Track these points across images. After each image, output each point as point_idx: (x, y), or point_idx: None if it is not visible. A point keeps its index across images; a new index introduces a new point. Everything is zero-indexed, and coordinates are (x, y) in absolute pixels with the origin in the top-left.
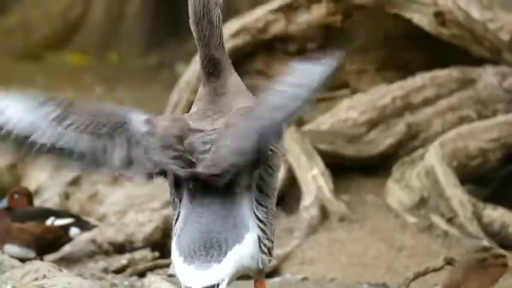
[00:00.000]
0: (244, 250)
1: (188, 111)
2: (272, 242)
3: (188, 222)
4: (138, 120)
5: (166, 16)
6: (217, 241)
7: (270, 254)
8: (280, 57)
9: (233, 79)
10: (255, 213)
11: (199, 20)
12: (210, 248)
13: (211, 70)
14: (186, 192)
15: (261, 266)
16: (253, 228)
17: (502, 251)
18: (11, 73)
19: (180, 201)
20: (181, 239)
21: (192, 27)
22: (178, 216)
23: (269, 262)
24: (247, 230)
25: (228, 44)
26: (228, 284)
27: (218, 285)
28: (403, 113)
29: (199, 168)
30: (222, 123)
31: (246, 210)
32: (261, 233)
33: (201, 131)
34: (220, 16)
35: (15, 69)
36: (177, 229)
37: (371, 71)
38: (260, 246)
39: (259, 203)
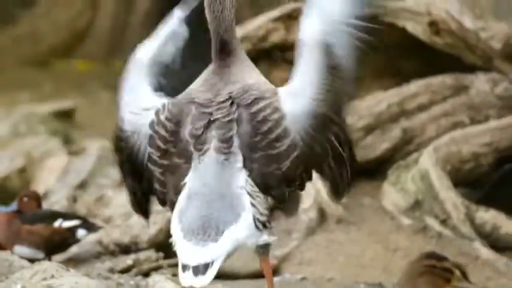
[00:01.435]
0: (240, 229)
1: None
2: (266, 215)
3: (189, 199)
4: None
5: None
6: (215, 221)
7: (265, 227)
8: (279, 64)
9: (243, 58)
10: (245, 189)
11: (212, 3)
12: (207, 228)
13: (221, 52)
14: (192, 167)
15: (258, 241)
16: (248, 206)
17: (450, 266)
18: (20, 80)
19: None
20: (182, 214)
21: (206, 9)
22: (183, 187)
23: (268, 235)
24: (243, 209)
25: None
26: (224, 261)
27: (213, 262)
28: (399, 118)
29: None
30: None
31: (241, 187)
32: (253, 209)
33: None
34: (234, 3)
35: (25, 76)
36: (180, 201)
37: (368, 78)
38: (255, 223)
39: (248, 176)
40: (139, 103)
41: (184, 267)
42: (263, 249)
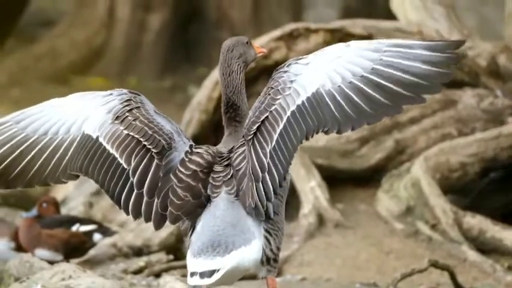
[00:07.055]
0: (248, 252)
1: (199, 129)
2: (276, 255)
3: (201, 231)
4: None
5: (180, 44)
6: (225, 243)
7: (269, 264)
8: None
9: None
10: (263, 225)
11: (222, 65)
12: (217, 247)
13: (232, 115)
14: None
15: (260, 272)
16: (259, 237)
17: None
18: (40, 95)
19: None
20: (194, 244)
21: (219, 72)
22: (193, 229)
23: (268, 272)
24: (254, 237)
25: None
26: (229, 282)
27: (218, 270)
28: (392, 130)
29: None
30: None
31: (253, 222)
32: (265, 242)
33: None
34: (242, 67)
35: (44, 91)
36: (191, 241)
37: None
38: (262, 256)
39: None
40: (177, 128)
41: (192, 274)
42: (269, 269)
